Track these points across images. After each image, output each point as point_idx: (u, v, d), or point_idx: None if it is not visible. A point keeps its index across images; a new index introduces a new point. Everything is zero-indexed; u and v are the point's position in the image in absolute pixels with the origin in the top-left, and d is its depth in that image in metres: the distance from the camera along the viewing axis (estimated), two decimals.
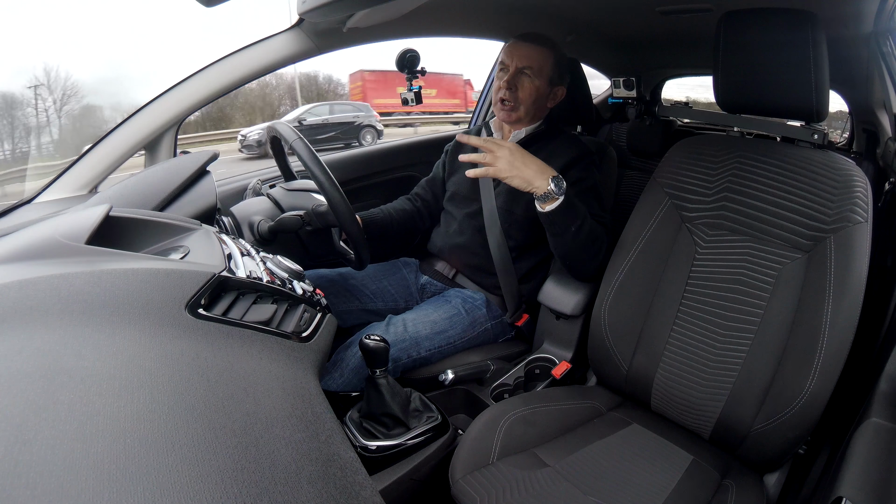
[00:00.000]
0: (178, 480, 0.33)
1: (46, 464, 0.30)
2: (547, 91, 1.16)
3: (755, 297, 0.86)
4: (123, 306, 0.45)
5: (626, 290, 0.98)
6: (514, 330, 1.23)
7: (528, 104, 1.14)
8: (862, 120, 1.61)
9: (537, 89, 1.13)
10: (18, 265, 0.48)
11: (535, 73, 1.12)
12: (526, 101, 1.14)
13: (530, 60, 1.12)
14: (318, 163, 0.91)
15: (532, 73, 1.12)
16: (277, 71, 1.21)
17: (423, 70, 1.38)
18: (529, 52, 1.12)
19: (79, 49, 16.80)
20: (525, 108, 1.15)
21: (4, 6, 9.59)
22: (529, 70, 1.12)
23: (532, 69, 1.12)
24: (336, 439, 0.48)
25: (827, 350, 0.76)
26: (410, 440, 0.82)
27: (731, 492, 0.79)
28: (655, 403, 0.96)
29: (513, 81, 1.12)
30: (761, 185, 0.90)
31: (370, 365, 0.80)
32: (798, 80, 0.83)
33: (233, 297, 0.56)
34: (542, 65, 1.13)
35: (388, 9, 1.05)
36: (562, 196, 0.94)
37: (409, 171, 1.75)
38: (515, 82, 1.13)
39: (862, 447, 0.58)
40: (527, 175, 0.93)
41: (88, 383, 0.37)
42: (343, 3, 0.93)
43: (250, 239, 1.02)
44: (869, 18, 1.09)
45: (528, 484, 0.75)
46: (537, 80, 1.13)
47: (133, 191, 0.84)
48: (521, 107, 1.14)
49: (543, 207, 0.96)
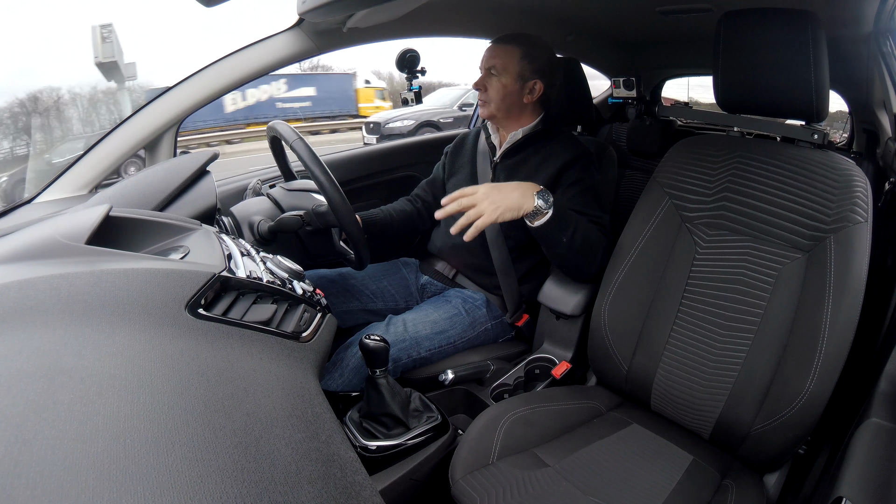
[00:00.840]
0: (178, 480, 0.33)
1: (46, 464, 0.30)
2: (517, 87, 1.15)
3: (755, 297, 0.86)
4: (123, 306, 0.45)
5: (626, 290, 0.98)
6: (514, 330, 1.23)
7: (498, 101, 1.16)
8: (862, 120, 1.61)
9: (504, 87, 1.15)
10: (18, 265, 0.48)
11: (499, 71, 1.14)
12: (495, 98, 1.16)
13: (494, 60, 1.15)
14: (318, 163, 0.91)
15: (496, 72, 1.14)
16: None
17: (424, 70, 1.38)
18: (494, 52, 1.15)
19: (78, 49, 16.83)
20: (495, 105, 1.16)
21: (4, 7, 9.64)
22: (494, 69, 1.15)
23: (496, 68, 1.14)
24: (336, 439, 0.48)
25: (827, 350, 0.76)
26: (410, 440, 0.82)
27: (731, 492, 0.79)
28: (655, 403, 0.96)
29: (481, 82, 1.17)
30: (761, 185, 0.90)
31: (370, 365, 0.80)
32: (798, 80, 0.83)
33: (233, 297, 0.56)
34: (507, 62, 1.14)
35: (388, 9, 1.05)
36: (550, 210, 0.94)
37: (409, 171, 1.75)
38: (484, 82, 1.16)
39: (862, 447, 0.58)
40: (512, 203, 0.93)
41: (88, 383, 0.37)
42: (343, 3, 0.93)
43: (250, 239, 1.02)
44: (869, 18, 1.09)
45: (528, 484, 0.75)
46: (503, 77, 1.14)
47: (133, 191, 0.84)
48: (491, 103, 1.17)
49: (533, 223, 0.96)
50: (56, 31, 21.61)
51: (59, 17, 22.61)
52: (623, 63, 1.93)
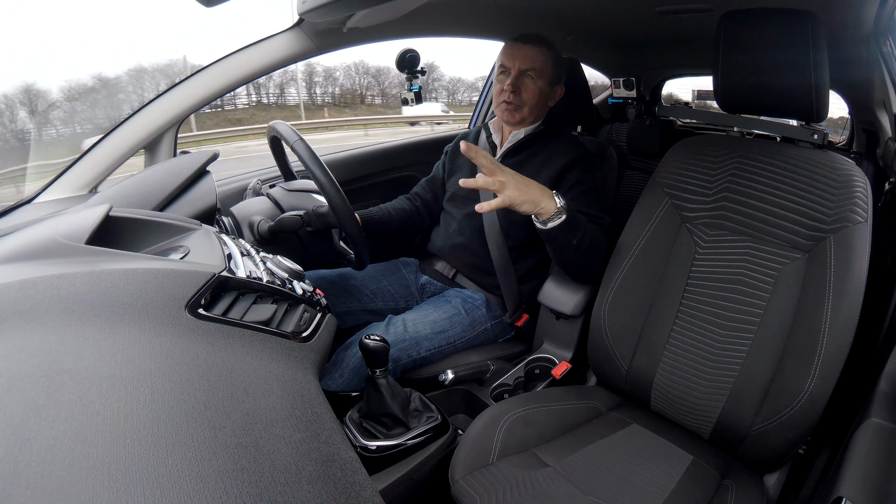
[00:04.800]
0: (178, 480, 0.33)
1: (46, 464, 0.30)
2: (548, 91, 1.16)
3: (755, 297, 0.86)
4: (123, 306, 0.45)
5: (626, 291, 0.98)
6: (513, 330, 1.23)
7: (532, 105, 1.15)
8: (862, 120, 1.61)
9: (540, 90, 1.14)
10: (18, 265, 0.48)
11: (537, 75, 1.13)
12: (530, 102, 1.14)
13: (533, 62, 1.12)
14: (318, 163, 0.91)
15: (535, 75, 1.13)
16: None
17: (424, 70, 1.38)
18: (531, 54, 1.12)
19: (77, 49, 16.74)
20: (529, 109, 1.15)
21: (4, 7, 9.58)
22: (532, 72, 1.12)
23: (535, 70, 1.12)
24: (336, 439, 0.48)
25: (827, 350, 0.76)
26: (410, 440, 0.82)
27: (731, 492, 0.79)
28: (655, 403, 0.96)
29: (517, 84, 1.13)
30: (761, 185, 0.90)
31: (370, 365, 0.80)
32: (798, 80, 0.83)
33: (233, 297, 0.56)
34: (544, 66, 1.13)
35: (388, 9, 1.05)
36: (565, 214, 0.92)
37: (409, 171, 1.75)
38: (519, 84, 1.13)
39: (862, 447, 0.58)
40: (534, 197, 0.89)
41: (88, 383, 0.37)
42: (343, 3, 0.93)
43: (250, 239, 1.02)
44: (869, 19, 1.09)
45: (528, 484, 0.75)
46: (540, 81, 1.13)
47: (133, 191, 0.84)
48: (525, 107, 1.15)
49: (546, 225, 0.93)
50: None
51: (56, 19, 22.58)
52: (623, 63, 1.93)
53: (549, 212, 0.91)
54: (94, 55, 17.26)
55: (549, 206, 0.91)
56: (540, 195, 0.90)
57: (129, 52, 19.80)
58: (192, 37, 23.25)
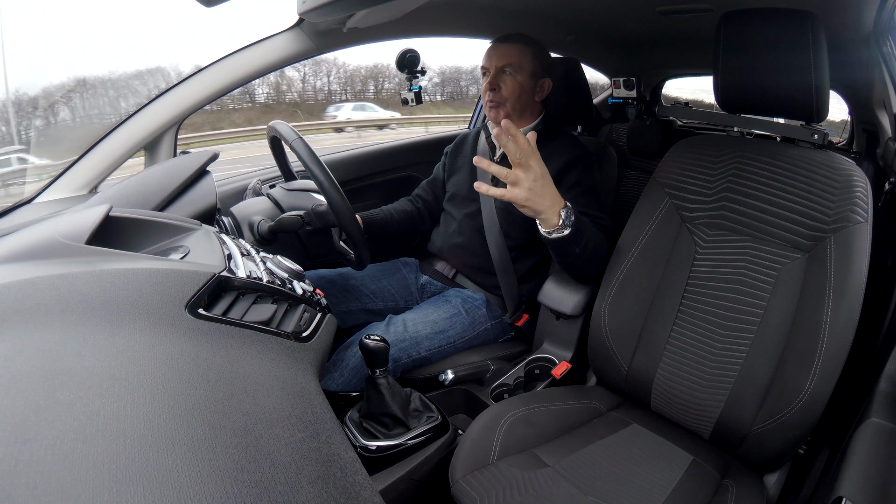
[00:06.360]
0: (178, 480, 0.33)
1: (46, 464, 0.30)
2: (531, 85, 1.16)
3: (755, 297, 0.86)
4: (123, 306, 0.45)
5: (626, 290, 0.98)
6: (513, 330, 1.23)
7: (513, 100, 1.15)
8: (862, 120, 1.61)
9: (520, 84, 1.14)
10: (18, 265, 0.48)
11: (514, 70, 1.13)
12: (511, 97, 1.15)
13: (509, 58, 1.14)
14: (318, 163, 0.91)
15: (512, 70, 1.14)
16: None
17: (424, 70, 1.38)
18: (507, 51, 1.14)
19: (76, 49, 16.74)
20: (511, 104, 1.15)
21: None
22: (509, 67, 1.14)
23: (511, 66, 1.13)
24: (336, 439, 0.48)
25: (827, 350, 0.76)
26: (410, 440, 0.82)
27: (731, 492, 0.79)
28: (655, 403, 0.95)
29: (495, 81, 1.14)
30: (761, 185, 0.90)
31: (370, 365, 0.80)
32: (798, 80, 0.83)
33: (233, 297, 0.56)
34: (521, 60, 1.14)
35: (388, 9, 1.05)
36: (569, 228, 0.90)
37: (409, 171, 1.75)
38: (498, 82, 1.14)
39: (862, 447, 0.58)
40: (540, 207, 0.87)
41: (88, 383, 0.37)
42: (343, 3, 0.93)
43: (250, 239, 1.02)
44: (869, 19, 1.09)
45: (528, 484, 0.75)
46: (519, 75, 1.14)
47: (133, 191, 0.84)
48: (507, 103, 1.15)
49: (550, 234, 0.92)
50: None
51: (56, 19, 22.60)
52: (623, 63, 1.93)
53: (550, 225, 0.90)
54: (95, 55, 17.29)
55: (550, 220, 0.89)
56: (547, 208, 0.87)
57: (129, 53, 19.80)
58: (192, 37, 23.32)
